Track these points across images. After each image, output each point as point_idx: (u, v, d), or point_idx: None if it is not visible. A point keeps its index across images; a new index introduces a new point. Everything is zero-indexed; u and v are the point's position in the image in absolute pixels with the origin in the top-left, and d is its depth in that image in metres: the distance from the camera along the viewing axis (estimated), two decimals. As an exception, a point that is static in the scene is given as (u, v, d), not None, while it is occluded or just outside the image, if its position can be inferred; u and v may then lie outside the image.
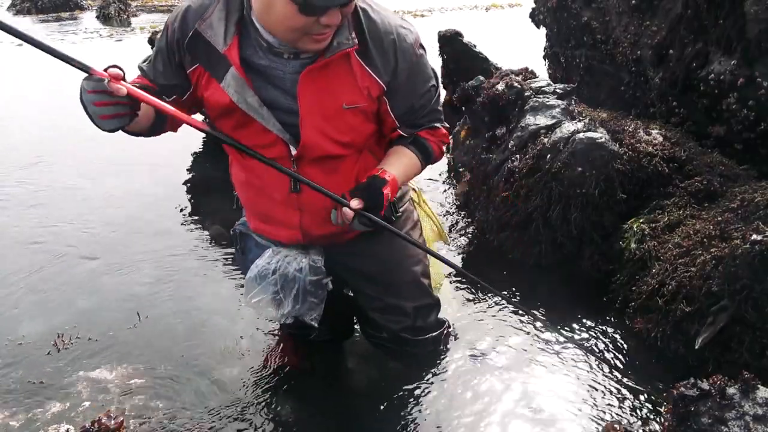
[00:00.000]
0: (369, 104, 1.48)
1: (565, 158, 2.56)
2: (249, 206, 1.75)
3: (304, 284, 1.70)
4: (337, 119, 1.47)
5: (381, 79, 1.45)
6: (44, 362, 2.15)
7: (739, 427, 1.41)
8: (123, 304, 2.51)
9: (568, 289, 2.56)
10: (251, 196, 1.68)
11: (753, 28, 2.52)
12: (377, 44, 1.43)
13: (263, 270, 1.71)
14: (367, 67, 1.43)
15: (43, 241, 3.04)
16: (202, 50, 1.41)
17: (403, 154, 1.62)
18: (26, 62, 7.08)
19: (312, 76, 1.40)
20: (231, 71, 1.39)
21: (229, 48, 1.38)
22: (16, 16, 12.20)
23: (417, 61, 1.50)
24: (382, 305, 1.88)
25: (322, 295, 1.77)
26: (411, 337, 1.93)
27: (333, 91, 1.43)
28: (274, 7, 1.26)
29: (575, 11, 3.74)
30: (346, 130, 1.50)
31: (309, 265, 1.70)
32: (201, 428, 1.86)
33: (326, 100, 1.44)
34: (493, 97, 3.08)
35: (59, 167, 4.07)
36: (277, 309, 1.75)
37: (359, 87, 1.44)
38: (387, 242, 1.77)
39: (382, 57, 1.44)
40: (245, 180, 1.65)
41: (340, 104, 1.44)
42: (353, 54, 1.41)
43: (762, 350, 1.89)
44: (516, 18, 7.79)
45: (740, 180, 2.48)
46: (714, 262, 2.00)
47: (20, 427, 1.86)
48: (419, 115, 1.60)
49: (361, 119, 1.51)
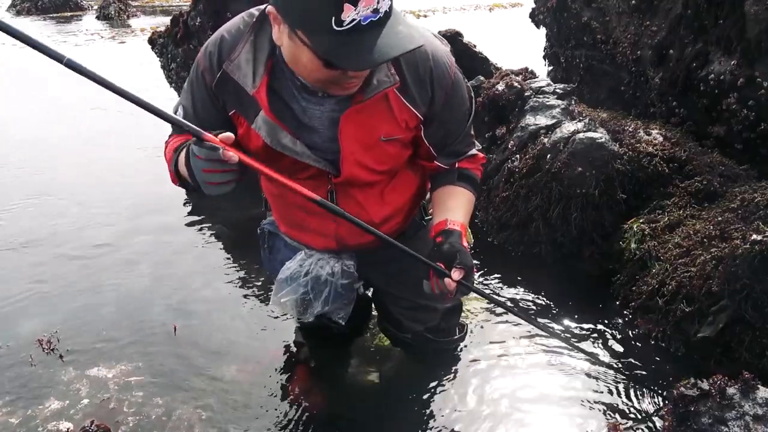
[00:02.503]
0: (406, 135, 1.45)
1: (565, 158, 2.56)
2: (281, 216, 1.72)
3: (336, 287, 1.69)
4: (376, 150, 1.44)
5: (419, 111, 1.41)
6: (43, 360, 2.15)
7: (739, 427, 1.41)
8: (122, 303, 2.51)
9: (568, 289, 2.55)
10: (284, 208, 1.66)
11: (753, 28, 2.52)
12: (413, 76, 1.37)
13: (295, 273, 1.70)
14: (406, 101, 1.38)
15: (42, 241, 3.04)
16: (232, 91, 1.36)
17: (457, 194, 1.57)
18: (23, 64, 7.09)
19: (352, 116, 1.36)
20: (261, 114, 1.34)
21: (258, 90, 1.33)
22: (17, 17, 12.21)
23: (452, 84, 1.45)
24: (411, 305, 1.86)
25: (352, 296, 1.76)
26: (434, 337, 1.93)
27: (372, 126, 1.39)
28: (300, 60, 1.21)
29: (575, 11, 3.74)
30: (385, 160, 1.48)
31: (342, 270, 1.69)
32: (200, 427, 1.86)
33: (365, 135, 1.40)
34: (493, 97, 3.08)
35: (59, 167, 4.07)
36: (306, 309, 1.74)
37: (397, 120, 1.40)
38: (418, 243, 1.70)
39: (419, 88, 1.39)
40: (278, 193, 1.62)
41: (378, 137, 1.41)
42: (393, 90, 1.36)
43: (762, 350, 1.89)
44: (516, 18, 7.79)
45: (740, 180, 2.48)
46: (714, 262, 2.00)
47: (19, 424, 1.86)
48: (455, 141, 1.56)
49: (399, 148, 1.48)
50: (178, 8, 10.05)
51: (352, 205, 1.52)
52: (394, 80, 1.33)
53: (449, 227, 1.47)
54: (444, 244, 1.44)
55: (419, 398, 1.98)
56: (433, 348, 1.98)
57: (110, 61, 7.17)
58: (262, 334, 2.31)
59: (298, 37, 1.15)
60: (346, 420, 1.93)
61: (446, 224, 1.48)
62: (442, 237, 1.47)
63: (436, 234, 1.49)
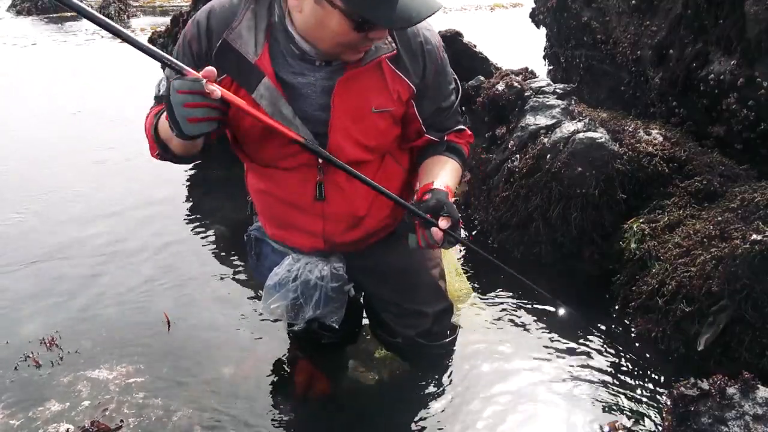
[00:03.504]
0: (397, 108, 1.48)
1: (565, 158, 2.56)
2: (267, 214, 1.70)
3: (326, 291, 1.68)
4: (366, 123, 1.45)
5: (411, 81, 1.46)
6: (43, 361, 2.15)
7: (739, 427, 1.41)
8: (122, 304, 2.51)
9: (568, 289, 2.55)
10: (270, 205, 1.65)
11: (753, 28, 2.52)
12: (406, 48, 1.43)
13: (283, 278, 1.68)
14: (398, 71, 1.43)
15: (42, 241, 3.04)
16: (232, 61, 1.36)
17: (444, 162, 1.58)
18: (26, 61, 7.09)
19: (349, 82, 1.39)
20: (264, 82, 1.35)
21: (260, 57, 1.35)
22: (17, 17, 12.20)
23: (441, 62, 1.52)
24: (400, 310, 1.86)
25: (343, 299, 1.75)
26: (426, 342, 1.92)
27: (365, 96, 1.42)
28: (328, 24, 1.24)
29: (575, 11, 3.73)
30: (373, 134, 1.49)
31: (330, 273, 1.68)
32: (200, 428, 1.86)
33: (357, 104, 1.42)
34: (493, 97, 3.08)
35: (59, 167, 4.07)
36: (297, 314, 1.73)
37: (389, 91, 1.44)
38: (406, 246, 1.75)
39: (411, 60, 1.44)
40: (264, 189, 1.61)
41: (370, 108, 1.43)
42: (385, 59, 1.41)
43: (762, 350, 1.89)
44: (516, 18, 7.79)
45: (740, 180, 2.48)
46: (714, 262, 2.00)
47: (19, 426, 1.86)
48: (444, 117, 1.60)
49: (389, 123, 1.50)
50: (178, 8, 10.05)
51: (339, 199, 1.52)
52: (391, 48, 1.39)
53: (435, 187, 1.47)
54: (431, 200, 1.43)
55: (418, 399, 1.98)
56: (426, 352, 1.96)
57: (110, 61, 7.18)
58: (262, 335, 2.31)
59: (329, 1, 1.19)
60: (347, 420, 1.93)
61: (432, 185, 1.48)
62: (429, 194, 1.45)
63: (422, 194, 1.48)
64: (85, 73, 6.54)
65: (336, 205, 1.53)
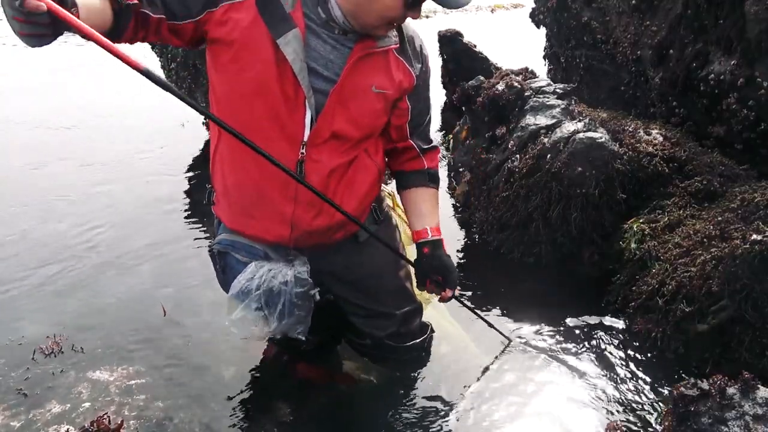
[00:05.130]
0: (394, 93, 1.56)
1: (565, 158, 2.56)
2: (234, 197, 1.61)
3: (290, 297, 1.63)
4: (363, 99, 1.52)
5: (413, 71, 1.58)
6: (44, 362, 2.15)
7: (739, 427, 1.41)
8: (123, 305, 2.51)
9: (568, 289, 2.56)
10: (240, 184, 1.57)
11: (753, 28, 2.52)
12: (410, 44, 1.58)
13: (246, 287, 1.62)
14: (405, 61, 1.56)
15: (43, 242, 3.04)
16: (269, 3, 1.41)
17: (430, 197, 1.79)
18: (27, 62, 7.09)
19: (361, 60, 1.47)
20: (295, 32, 1.41)
21: (295, 10, 1.42)
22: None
23: (430, 68, 1.67)
24: (367, 312, 1.85)
25: (309, 306, 1.70)
26: (395, 344, 1.90)
27: (370, 74, 1.51)
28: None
29: (575, 11, 3.74)
30: (367, 113, 1.54)
31: (294, 277, 1.62)
32: (200, 428, 1.86)
33: (362, 81, 1.50)
34: (493, 97, 3.08)
35: (58, 168, 4.07)
36: (263, 326, 1.68)
37: (393, 76, 1.53)
38: (373, 248, 1.75)
39: (413, 55, 1.59)
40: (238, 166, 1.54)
41: (372, 85, 1.51)
42: (392, 49, 1.54)
43: (762, 350, 1.89)
44: (517, 18, 7.79)
45: (740, 180, 2.48)
46: (714, 262, 2.00)
47: (20, 427, 1.86)
48: (424, 121, 1.73)
49: (381, 107, 1.56)
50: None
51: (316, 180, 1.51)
52: (397, 40, 1.53)
53: (432, 237, 1.74)
54: (434, 259, 1.73)
55: (417, 399, 1.98)
56: (396, 354, 1.94)
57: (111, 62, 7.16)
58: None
59: None
60: (347, 420, 1.93)
61: (428, 234, 1.74)
62: (429, 248, 1.73)
63: (420, 242, 1.75)
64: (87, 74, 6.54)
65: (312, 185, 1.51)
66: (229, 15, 1.40)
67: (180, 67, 4.39)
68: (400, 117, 1.64)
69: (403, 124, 1.66)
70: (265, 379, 2.08)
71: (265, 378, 2.09)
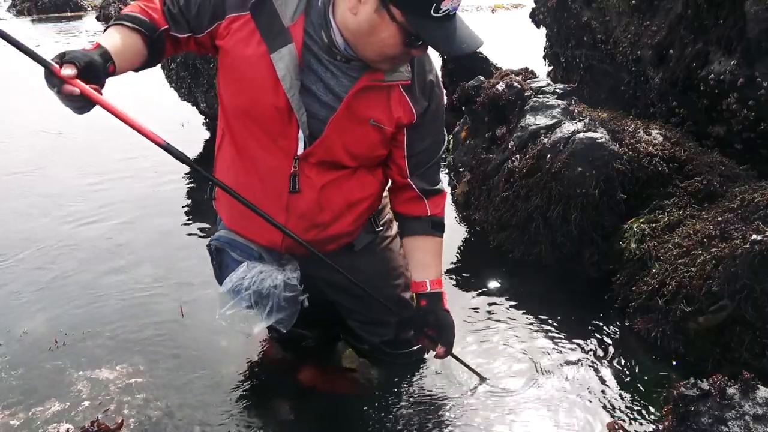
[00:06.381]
0: (391, 128, 1.51)
1: (565, 158, 2.56)
2: (229, 205, 1.66)
3: (279, 300, 1.67)
4: (360, 130, 1.48)
5: (415, 109, 1.51)
6: (44, 361, 2.15)
7: (739, 427, 1.41)
8: (123, 304, 2.51)
9: (568, 289, 2.56)
10: (238, 185, 1.57)
11: (753, 28, 2.52)
12: (420, 79, 1.50)
13: (237, 285, 1.66)
14: (408, 97, 1.49)
15: (43, 241, 3.04)
16: (265, 16, 1.38)
17: (433, 246, 1.72)
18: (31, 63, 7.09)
19: (362, 92, 1.42)
20: (289, 48, 1.37)
21: (294, 24, 1.38)
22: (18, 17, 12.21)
23: (441, 107, 1.59)
24: (363, 318, 1.86)
25: (295, 310, 1.73)
26: (391, 350, 1.92)
27: (369, 105, 1.46)
28: (380, 33, 1.29)
29: (575, 11, 3.74)
30: (362, 143, 1.50)
31: (284, 282, 1.66)
32: (200, 428, 1.86)
33: (360, 110, 1.45)
34: (493, 97, 3.08)
35: (57, 168, 4.07)
36: (250, 325, 1.73)
37: (391, 112, 1.48)
38: (368, 256, 1.75)
39: (420, 93, 1.51)
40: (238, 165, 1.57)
41: (369, 118, 1.47)
42: (399, 85, 1.47)
43: (762, 350, 1.89)
44: (517, 18, 7.79)
45: (740, 180, 2.48)
46: (714, 262, 2.00)
47: (20, 426, 1.86)
48: (428, 161, 1.63)
49: (378, 138, 1.52)
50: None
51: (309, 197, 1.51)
52: (408, 76, 1.46)
53: (431, 290, 1.69)
54: (430, 313, 1.68)
55: (418, 399, 1.98)
56: (393, 359, 1.96)
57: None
58: (263, 337, 2.31)
59: (390, 13, 1.25)
60: (347, 419, 1.93)
61: (427, 286, 1.69)
62: (426, 301, 1.69)
63: (418, 295, 1.71)
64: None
65: (304, 202, 1.52)
66: (231, 26, 1.41)
67: (180, 67, 4.39)
68: (397, 149, 1.58)
69: (400, 157, 1.59)
70: (265, 379, 2.08)
71: (265, 378, 2.09)
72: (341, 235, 1.65)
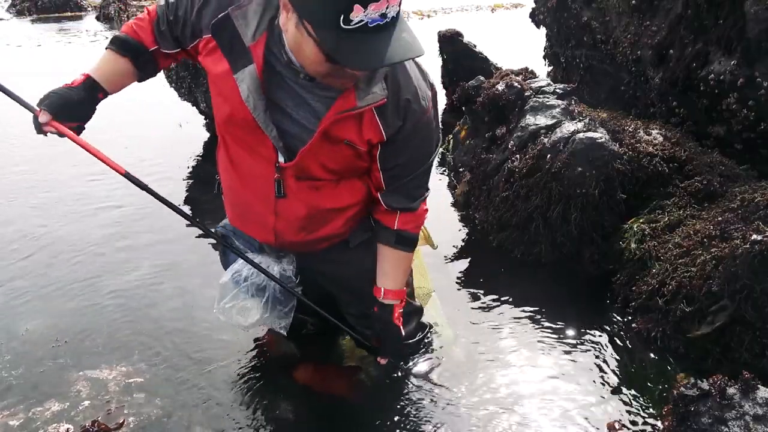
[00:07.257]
0: (364, 147, 1.46)
1: (565, 158, 2.56)
2: (228, 195, 1.72)
3: (274, 292, 1.71)
4: (335, 148, 1.45)
5: (386, 132, 1.43)
6: (44, 361, 2.15)
7: (739, 427, 1.41)
8: (123, 303, 2.51)
9: (568, 289, 2.56)
10: (231, 187, 1.65)
11: (753, 28, 2.52)
12: (393, 100, 1.39)
13: (236, 276, 1.72)
14: (379, 119, 1.40)
15: (43, 241, 3.04)
16: (227, 35, 1.36)
17: (393, 258, 1.69)
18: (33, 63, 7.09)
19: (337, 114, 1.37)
20: (250, 69, 1.34)
21: (255, 44, 1.34)
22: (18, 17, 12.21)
23: (424, 122, 1.48)
24: (359, 312, 1.86)
25: (291, 304, 1.76)
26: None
27: (342, 128, 1.41)
28: (304, 50, 1.23)
29: (575, 11, 3.74)
30: (339, 160, 1.48)
31: (279, 274, 1.69)
32: (200, 428, 1.86)
33: (334, 132, 1.41)
34: (493, 97, 3.08)
35: (56, 168, 4.06)
36: (247, 317, 1.74)
37: (362, 134, 1.42)
38: (363, 251, 1.74)
39: (393, 113, 1.41)
40: (230, 168, 1.60)
41: (344, 139, 1.43)
42: (372, 108, 1.37)
43: (762, 350, 1.89)
44: (517, 18, 7.79)
45: (740, 180, 2.48)
46: (714, 262, 2.00)
47: (20, 426, 1.86)
48: (407, 177, 1.56)
49: (353, 154, 1.48)
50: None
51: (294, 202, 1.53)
52: (383, 95, 1.35)
53: (383, 299, 1.71)
54: (377, 321, 1.73)
55: (417, 398, 1.98)
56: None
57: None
58: (262, 334, 2.31)
59: (305, 28, 1.18)
60: (347, 419, 1.93)
61: (380, 294, 1.71)
62: (378, 308, 1.72)
63: (374, 300, 1.73)
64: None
65: (291, 205, 1.54)
66: (208, 45, 1.42)
67: (180, 67, 4.39)
68: (374, 163, 1.53)
69: (376, 170, 1.54)
70: (266, 379, 2.08)
71: (265, 377, 2.09)
72: (332, 236, 1.67)
